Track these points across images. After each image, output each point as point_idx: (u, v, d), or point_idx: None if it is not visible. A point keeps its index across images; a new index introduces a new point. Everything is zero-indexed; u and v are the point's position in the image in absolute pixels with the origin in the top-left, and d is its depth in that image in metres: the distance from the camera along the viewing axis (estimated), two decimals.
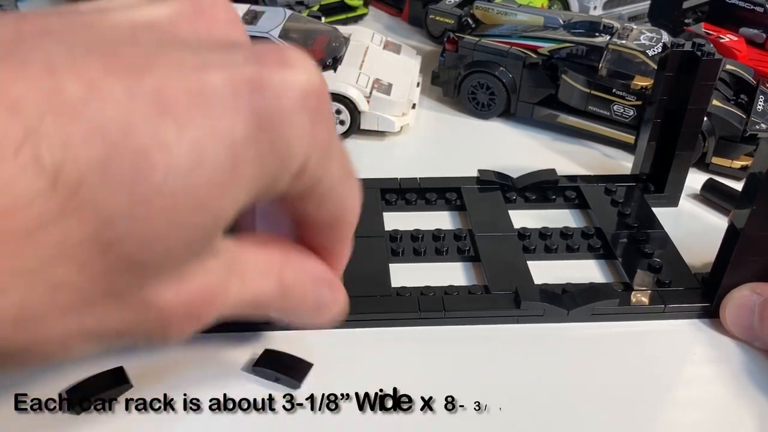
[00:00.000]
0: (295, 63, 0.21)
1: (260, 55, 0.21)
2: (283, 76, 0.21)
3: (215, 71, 0.19)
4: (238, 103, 0.20)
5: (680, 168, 0.42)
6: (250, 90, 0.20)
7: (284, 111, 0.21)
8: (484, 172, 0.43)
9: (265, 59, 0.21)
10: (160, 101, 0.18)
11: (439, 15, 0.57)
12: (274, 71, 0.20)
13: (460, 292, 0.35)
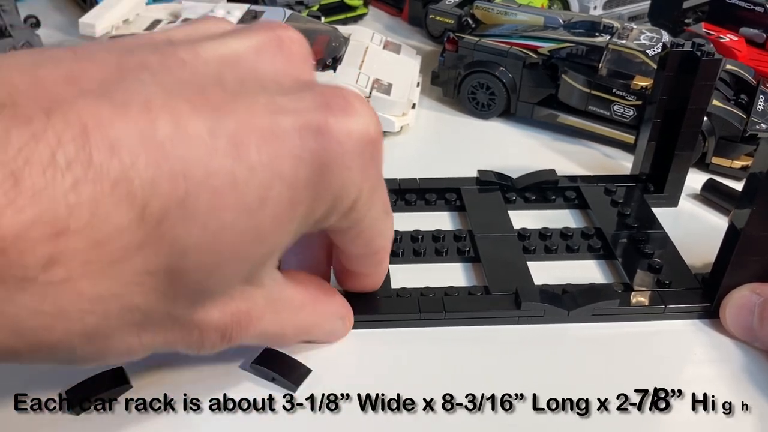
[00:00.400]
0: (358, 112, 0.23)
1: (327, 101, 0.23)
2: (347, 124, 0.23)
3: (286, 115, 0.22)
4: (303, 149, 0.22)
5: (680, 168, 0.42)
6: (315, 135, 0.22)
7: (343, 158, 0.23)
8: (483, 173, 0.43)
9: (332, 106, 0.23)
10: (237, 143, 0.21)
11: (439, 15, 0.57)
12: (339, 119, 0.23)
13: (460, 293, 0.35)
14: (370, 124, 0.24)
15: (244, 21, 0.49)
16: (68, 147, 0.18)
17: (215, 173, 0.20)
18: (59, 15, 0.66)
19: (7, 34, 0.52)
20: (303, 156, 0.22)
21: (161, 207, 0.19)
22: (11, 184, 0.17)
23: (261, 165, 0.21)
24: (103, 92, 0.20)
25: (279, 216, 0.22)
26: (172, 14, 0.54)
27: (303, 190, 0.22)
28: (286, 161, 0.21)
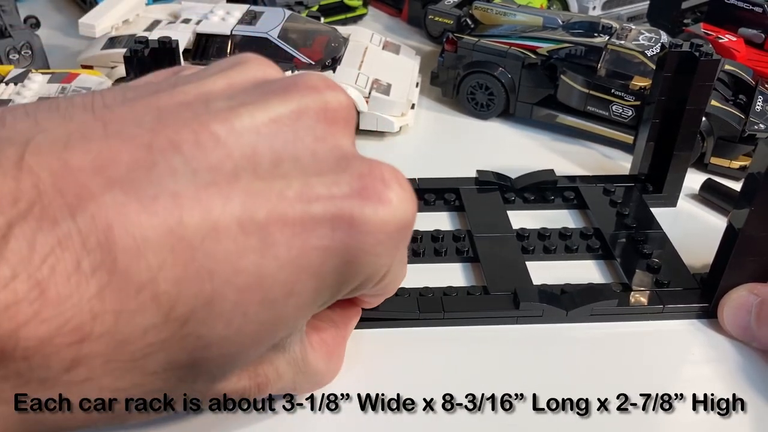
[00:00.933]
0: (395, 198, 0.22)
1: (364, 186, 0.22)
2: (383, 215, 0.22)
3: (320, 203, 0.21)
4: (334, 239, 0.21)
5: (678, 168, 0.42)
6: (348, 226, 0.21)
7: (376, 247, 0.22)
8: (482, 173, 0.43)
9: (368, 193, 0.22)
10: (267, 239, 0.20)
11: (439, 15, 0.57)
12: (376, 209, 0.22)
13: (459, 293, 0.35)
14: (407, 209, 0.23)
15: (243, 21, 0.49)
16: (94, 253, 0.18)
17: (243, 271, 0.20)
18: (59, 15, 0.66)
19: (7, 34, 0.52)
20: (333, 247, 0.21)
21: (188, 308, 0.19)
22: (36, 295, 0.17)
23: (289, 260, 0.20)
24: (131, 183, 0.19)
25: (302, 305, 0.22)
26: (171, 14, 0.54)
27: (329, 279, 0.22)
28: (314, 253, 0.21)
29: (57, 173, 0.18)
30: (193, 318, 0.19)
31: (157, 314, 0.19)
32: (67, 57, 0.57)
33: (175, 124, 0.20)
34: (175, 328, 0.19)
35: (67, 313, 0.18)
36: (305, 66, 0.48)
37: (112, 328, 0.18)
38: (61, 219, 0.18)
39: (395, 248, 0.23)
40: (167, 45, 0.36)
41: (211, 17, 0.50)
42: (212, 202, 0.19)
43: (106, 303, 0.18)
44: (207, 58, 0.48)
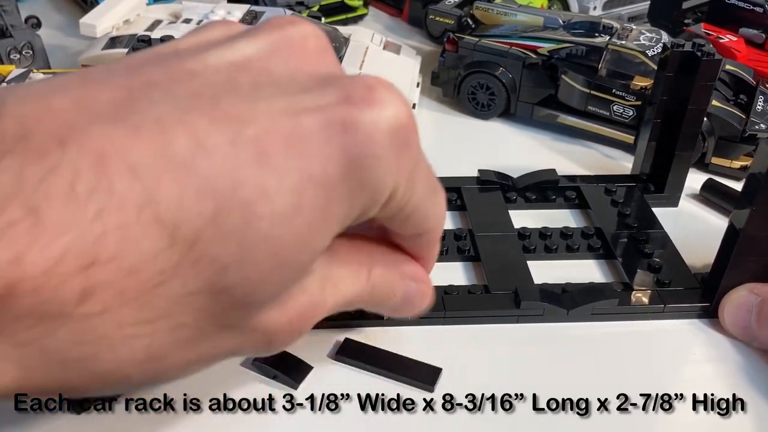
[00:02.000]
0: (384, 99, 0.22)
1: (350, 93, 0.22)
2: (373, 115, 0.22)
3: (308, 115, 0.21)
4: (330, 147, 0.21)
5: (680, 168, 0.42)
6: (341, 132, 0.21)
7: (374, 150, 0.22)
8: (484, 172, 0.43)
9: (354, 98, 0.21)
10: (261, 151, 0.20)
11: (439, 15, 0.57)
12: (365, 111, 0.21)
13: (459, 292, 0.35)
14: (398, 110, 0.22)
15: (244, 21, 0.49)
16: (87, 176, 0.18)
17: (244, 184, 0.19)
18: (60, 15, 0.66)
19: (8, 34, 0.52)
20: (331, 154, 0.21)
21: (192, 228, 0.19)
22: (33, 222, 0.17)
23: (289, 170, 0.20)
24: (115, 115, 0.19)
25: (316, 219, 0.21)
26: (172, 14, 0.54)
27: (336, 190, 0.21)
28: (314, 162, 0.21)
29: (40, 114, 0.19)
30: (201, 238, 0.19)
31: (162, 236, 0.19)
32: (68, 57, 0.57)
33: (150, 69, 0.21)
34: (185, 250, 0.19)
35: (67, 236, 0.17)
36: None
37: (118, 253, 0.18)
38: (50, 151, 0.18)
39: (397, 152, 0.23)
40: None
41: (212, 17, 0.50)
42: (197, 123, 0.19)
43: (107, 225, 0.18)
44: None
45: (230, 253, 0.20)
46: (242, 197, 0.19)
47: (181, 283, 0.19)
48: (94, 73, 0.21)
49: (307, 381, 0.30)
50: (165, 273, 0.19)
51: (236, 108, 0.20)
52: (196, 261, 0.19)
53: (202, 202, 0.19)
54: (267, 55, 0.23)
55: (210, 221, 0.19)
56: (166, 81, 0.21)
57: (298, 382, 0.30)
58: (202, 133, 0.19)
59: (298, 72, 0.23)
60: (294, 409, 0.29)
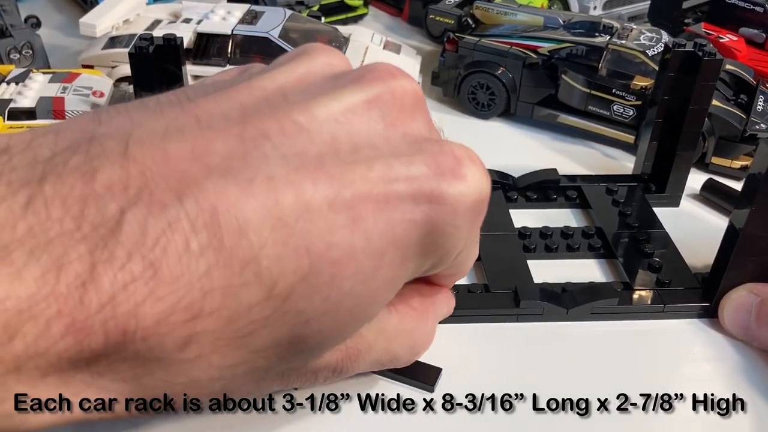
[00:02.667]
0: (469, 175, 0.23)
1: (439, 164, 0.23)
2: (459, 189, 0.23)
3: (400, 183, 0.22)
4: (415, 214, 0.22)
5: (682, 168, 0.42)
6: (428, 202, 0.22)
7: (455, 221, 0.23)
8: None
9: (444, 170, 0.23)
10: (355, 215, 0.21)
11: (439, 15, 0.57)
12: (453, 184, 0.23)
13: (459, 291, 0.35)
14: (481, 186, 0.24)
15: (244, 21, 0.49)
16: (201, 234, 0.19)
17: (335, 246, 0.21)
18: (60, 15, 0.66)
19: (7, 34, 0.52)
20: (416, 220, 0.22)
21: (288, 283, 0.20)
22: (151, 275, 0.18)
23: (377, 234, 0.21)
24: (228, 169, 0.20)
25: (391, 278, 0.23)
26: (172, 14, 0.54)
27: (413, 251, 0.23)
28: (399, 227, 0.22)
29: (159, 162, 0.20)
30: (293, 293, 0.20)
31: (260, 291, 0.20)
32: (68, 56, 0.57)
33: (260, 115, 0.22)
34: (278, 304, 0.20)
35: (180, 291, 0.19)
36: None
37: (221, 305, 0.19)
38: (169, 203, 0.19)
39: (472, 222, 0.24)
40: (172, 42, 0.36)
41: (212, 17, 0.50)
42: (303, 184, 0.20)
43: (215, 281, 0.19)
44: (208, 58, 0.48)
45: (315, 307, 0.21)
46: (333, 257, 0.21)
47: (269, 333, 0.21)
48: (207, 113, 0.22)
49: None
50: (258, 323, 0.20)
51: (337, 170, 0.21)
52: (285, 313, 0.21)
53: (298, 260, 0.20)
54: (368, 109, 0.23)
55: (302, 278, 0.20)
56: (276, 133, 0.21)
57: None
58: (306, 194, 0.20)
59: (392, 130, 0.24)
60: (294, 409, 0.29)
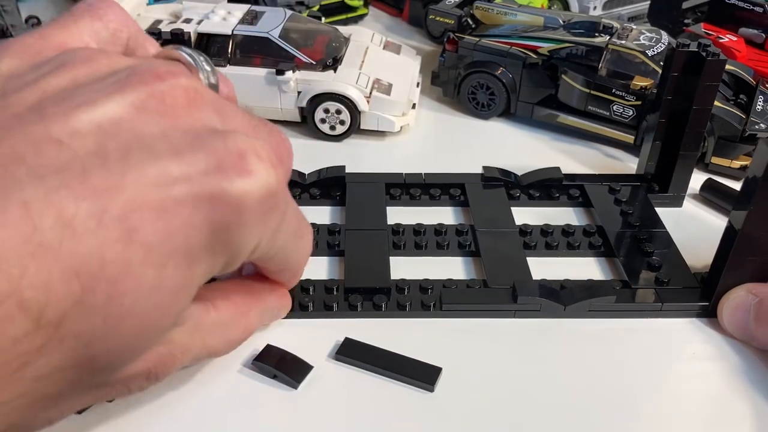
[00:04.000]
0: (254, 169, 0.22)
1: (221, 160, 0.22)
2: (242, 186, 0.22)
3: (177, 186, 0.21)
4: (197, 217, 0.21)
5: (684, 168, 0.42)
6: (209, 203, 0.21)
7: (240, 219, 0.22)
8: (488, 169, 0.43)
9: (225, 167, 0.22)
10: (128, 227, 0.20)
11: (439, 15, 0.57)
12: (234, 182, 0.22)
13: (458, 286, 0.35)
14: (268, 179, 0.23)
15: (244, 21, 0.49)
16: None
17: (110, 263, 0.19)
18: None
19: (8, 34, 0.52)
20: (199, 225, 0.21)
21: (59, 310, 0.19)
22: None
23: (156, 243, 0.20)
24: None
25: (178, 286, 0.22)
26: (172, 14, 0.54)
27: (200, 254, 0.22)
28: (180, 233, 0.21)
29: None
30: (66, 319, 0.19)
31: (26, 322, 0.18)
32: None
33: (12, 137, 0.20)
34: (50, 333, 0.19)
35: None
36: (306, 65, 0.48)
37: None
38: None
39: (263, 218, 0.23)
40: (180, 36, 0.35)
41: (212, 17, 0.50)
42: (64, 203, 0.19)
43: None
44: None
45: (95, 329, 0.20)
46: (108, 275, 0.19)
47: (46, 362, 0.19)
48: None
49: (307, 381, 0.30)
50: (29, 354, 0.19)
51: (105, 181, 0.20)
52: (61, 340, 0.19)
53: (68, 285, 0.19)
54: (136, 114, 0.22)
55: (75, 302, 0.19)
56: (31, 153, 0.20)
57: (299, 382, 0.30)
58: (69, 214, 0.19)
59: (170, 130, 0.22)
60: (294, 409, 0.29)
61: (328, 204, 0.42)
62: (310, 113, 0.48)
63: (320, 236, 0.38)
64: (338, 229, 0.39)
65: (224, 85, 0.28)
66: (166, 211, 0.21)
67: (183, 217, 0.21)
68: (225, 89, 0.28)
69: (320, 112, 0.48)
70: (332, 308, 0.33)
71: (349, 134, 0.49)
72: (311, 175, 0.43)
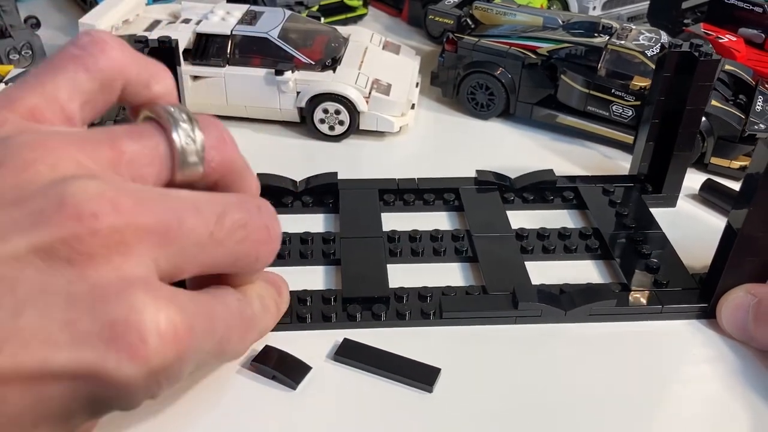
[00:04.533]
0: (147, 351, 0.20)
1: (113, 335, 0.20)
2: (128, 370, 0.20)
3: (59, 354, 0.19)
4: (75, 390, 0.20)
5: (678, 168, 0.42)
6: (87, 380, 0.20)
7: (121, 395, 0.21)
8: (482, 173, 0.43)
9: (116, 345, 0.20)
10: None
11: (439, 15, 0.57)
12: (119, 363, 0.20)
13: (457, 293, 0.35)
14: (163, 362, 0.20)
15: (243, 21, 0.49)
16: None
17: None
18: (60, 15, 0.66)
19: (7, 34, 0.52)
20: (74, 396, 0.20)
21: None
22: None
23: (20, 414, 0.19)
24: None
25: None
26: (171, 15, 0.54)
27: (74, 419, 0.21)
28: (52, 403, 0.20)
29: None
30: None
31: None
32: None
33: None
34: None
35: None
36: (305, 66, 0.48)
37: None
38: None
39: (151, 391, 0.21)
40: (166, 45, 0.36)
41: (211, 17, 0.50)
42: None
43: None
44: (207, 58, 0.48)
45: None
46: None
47: None
48: None
49: (306, 381, 0.30)
50: None
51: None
52: None
53: None
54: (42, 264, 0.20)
55: None
56: None
57: (298, 382, 0.30)
58: None
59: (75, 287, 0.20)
60: (293, 409, 0.29)
61: (320, 212, 0.41)
62: (309, 113, 0.48)
63: (315, 245, 0.38)
64: (332, 237, 0.38)
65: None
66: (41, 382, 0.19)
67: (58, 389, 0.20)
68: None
69: (319, 113, 0.48)
70: (331, 319, 0.33)
71: (348, 135, 0.49)
72: (301, 184, 0.42)
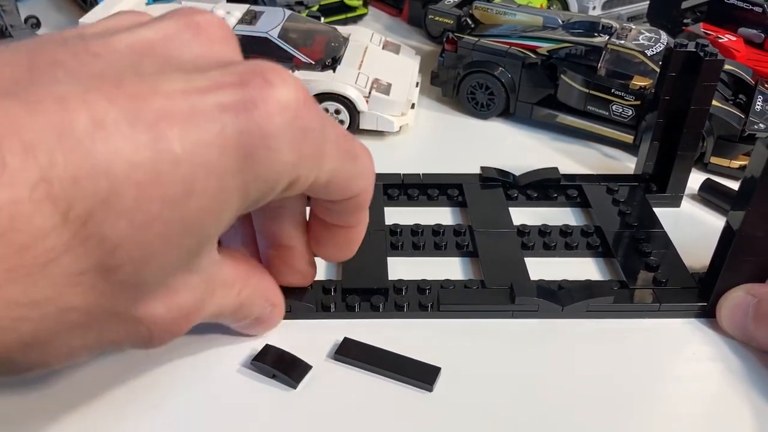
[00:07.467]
0: (277, 82, 0.23)
1: (244, 77, 0.22)
2: (268, 96, 0.22)
3: (205, 96, 0.21)
4: (225, 133, 0.21)
5: (683, 168, 0.42)
6: (236, 115, 0.22)
7: (269, 142, 0.22)
8: (486, 169, 0.43)
9: (249, 82, 0.22)
10: (158, 133, 0.20)
11: (439, 15, 0.57)
12: (260, 91, 0.22)
13: (456, 286, 0.35)
14: (291, 92, 0.23)
15: (243, 21, 0.50)
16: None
17: (138, 166, 0.20)
18: (59, 15, 0.66)
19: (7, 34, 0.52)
20: (227, 143, 0.21)
21: (85, 207, 0.19)
22: None
23: (184, 155, 0.21)
24: (15, 92, 0.19)
25: (206, 207, 0.22)
26: None
27: (230, 180, 0.22)
28: (209, 150, 0.21)
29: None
30: (93, 217, 0.19)
31: (54, 214, 0.19)
32: None
33: (54, 49, 0.22)
34: (76, 228, 0.19)
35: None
36: (305, 65, 0.48)
37: (9, 229, 0.18)
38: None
39: (294, 140, 0.23)
40: None
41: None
42: (98, 104, 0.20)
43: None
44: None
45: (120, 233, 0.20)
46: (136, 179, 0.20)
47: (71, 261, 0.19)
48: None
49: (306, 380, 0.30)
50: (56, 250, 0.19)
51: (137, 88, 0.21)
52: (87, 239, 0.19)
53: (96, 182, 0.19)
54: (171, 41, 0.24)
55: (102, 201, 0.19)
56: (70, 60, 0.21)
57: (298, 382, 0.30)
58: (102, 113, 0.19)
59: (201, 58, 0.24)
60: (293, 408, 0.29)
61: None
62: None
63: None
64: None
65: None
66: (194, 122, 0.21)
67: (210, 130, 0.21)
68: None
69: None
70: (330, 309, 0.33)
71: None
72: None
